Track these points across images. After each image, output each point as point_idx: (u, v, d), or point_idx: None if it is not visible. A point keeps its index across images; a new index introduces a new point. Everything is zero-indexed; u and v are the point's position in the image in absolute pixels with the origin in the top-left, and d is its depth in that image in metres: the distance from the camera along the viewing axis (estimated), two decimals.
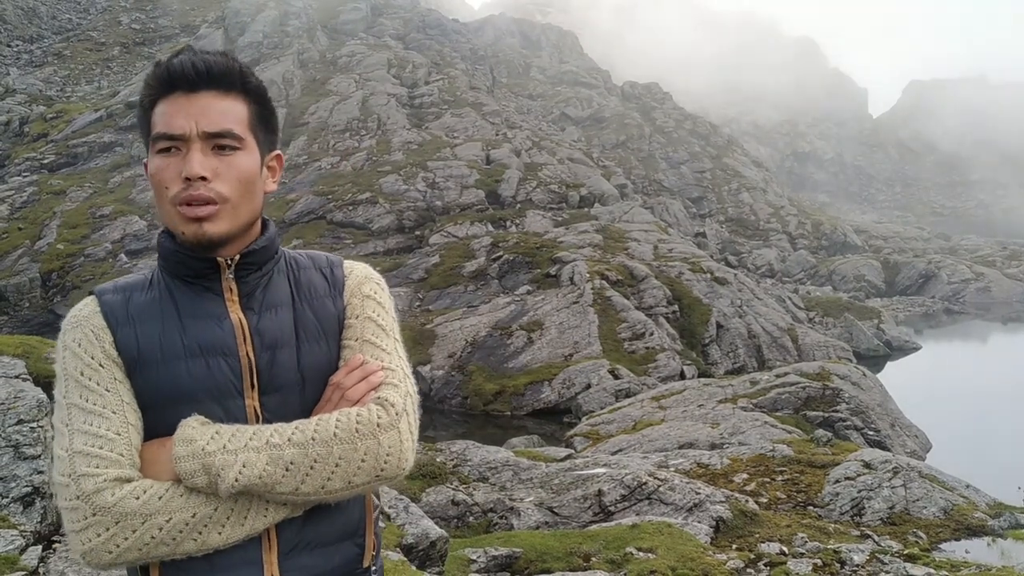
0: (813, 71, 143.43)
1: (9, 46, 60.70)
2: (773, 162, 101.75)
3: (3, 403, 5.41)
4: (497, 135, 45.73)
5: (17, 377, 5.77)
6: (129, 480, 1.54)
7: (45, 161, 43.85)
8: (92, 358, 1.60)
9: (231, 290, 1.68)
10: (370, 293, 1.81)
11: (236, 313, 1.67)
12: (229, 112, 1.64)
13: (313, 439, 1.59)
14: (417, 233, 35.90)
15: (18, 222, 37.59)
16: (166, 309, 1.65)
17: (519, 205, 38.45)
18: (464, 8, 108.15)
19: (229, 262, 1.67)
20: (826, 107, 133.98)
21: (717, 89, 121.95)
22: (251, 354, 1.65)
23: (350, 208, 37.17)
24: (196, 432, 1.57)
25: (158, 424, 1.60)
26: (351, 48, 55.82)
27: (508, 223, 36.32)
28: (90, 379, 1.59)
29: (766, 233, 58.61)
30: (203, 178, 1.59)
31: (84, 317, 1.65)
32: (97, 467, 1.52)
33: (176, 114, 1.61)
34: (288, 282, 1.75)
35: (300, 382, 1.68)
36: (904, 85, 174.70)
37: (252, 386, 1.64)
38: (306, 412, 1.67)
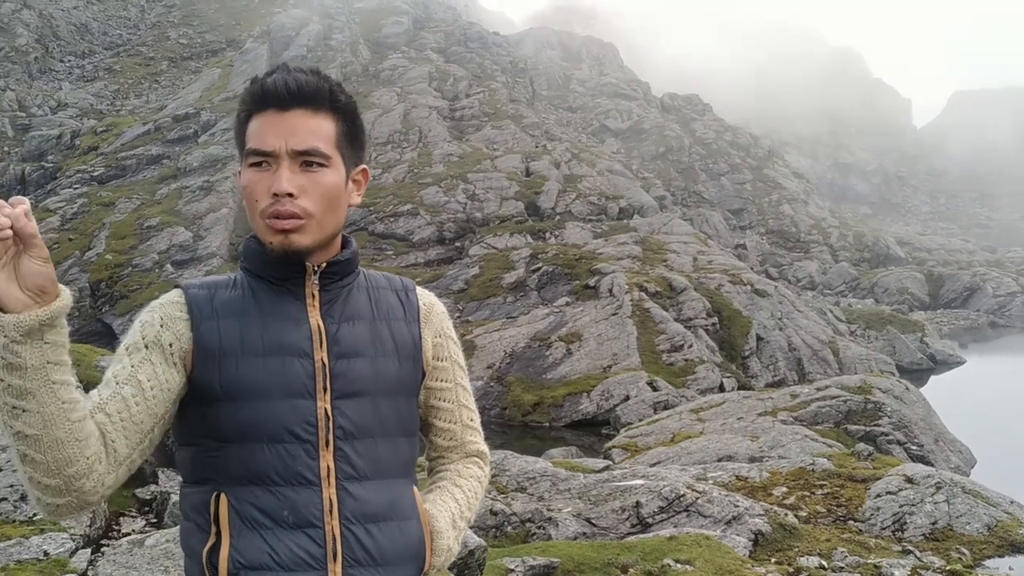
0: (855, 81, 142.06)
1: (62, 61, 62.17)
2: (814, 173, 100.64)
3: None
4: (537, 147, 45.84)
5: None
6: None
7: (95, 173, 44.67)
8: (143, 337, 1.70)
9: (313, 295, 1.77)
10: (452, 334, 1.99)
11: (315, 318, 1.75)
12: (318, 131, 1.72)
13: (471, 508, 1.96)
14: (457, 244, 36.10)
15: (68, 233, 38.36)
16: (248, 307, 1.75)
17: (558, 217, 38.51)
18: (505, 22, 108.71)
19: (316, 268, 1.76)
20: (868, 117, 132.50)
21: (756, 100, 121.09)
22: (326, 359, 1.73)
23: (391, 220, 37.51)
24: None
25: (233, 416, 1.68)
26: (393, 61, 56.33)
27: (547, 235, 36.38)
28: (130, 355, 1.69)
29: (807, 245, 58.05)
30: (290, 194, 1.68)
31: (160, 304, 1.76)
32: None
33: (268, 131, 1.70)
34: (368, 298, 1.86)
35: (373, 393, 1.77)
36: (949, 95, 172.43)
37: (324, 389, 1.71)
38: (378, 421, 1.77)
